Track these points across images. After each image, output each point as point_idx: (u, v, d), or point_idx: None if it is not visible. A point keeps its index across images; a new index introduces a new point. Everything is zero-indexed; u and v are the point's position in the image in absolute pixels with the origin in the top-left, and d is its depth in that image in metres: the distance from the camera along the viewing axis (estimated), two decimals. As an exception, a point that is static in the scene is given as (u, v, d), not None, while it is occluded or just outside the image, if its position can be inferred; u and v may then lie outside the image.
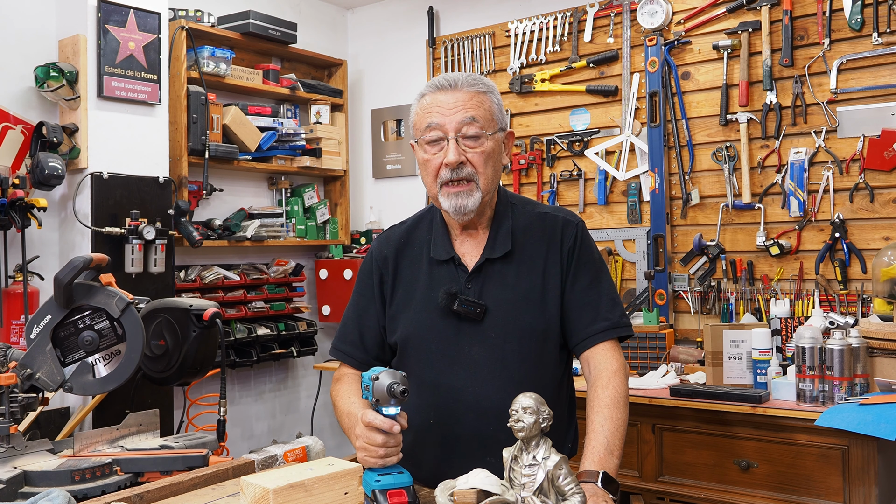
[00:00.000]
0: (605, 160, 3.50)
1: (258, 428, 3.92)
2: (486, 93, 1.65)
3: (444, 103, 1.62)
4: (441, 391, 1.67)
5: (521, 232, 1.71)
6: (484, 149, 1.62)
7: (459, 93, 1.63)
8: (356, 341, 1.78)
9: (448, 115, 1.61)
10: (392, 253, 1.77)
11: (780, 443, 2.41)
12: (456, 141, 1.61)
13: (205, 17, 3.48)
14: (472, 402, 1.64)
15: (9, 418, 1.80)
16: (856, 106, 2.91)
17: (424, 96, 1.67)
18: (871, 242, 2.89)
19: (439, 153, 1.62)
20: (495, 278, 1.67)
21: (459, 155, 1.60)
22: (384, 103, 4.30)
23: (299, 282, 3.95)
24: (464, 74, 1.67)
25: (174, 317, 2.27)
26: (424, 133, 1.64)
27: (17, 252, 2.77)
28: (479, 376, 1.64)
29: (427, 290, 1.69)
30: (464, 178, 1.61)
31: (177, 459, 1.79)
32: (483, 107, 1.63)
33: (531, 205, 1.78)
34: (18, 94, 2.89)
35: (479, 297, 1.66)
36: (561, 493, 1.22)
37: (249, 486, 1.18)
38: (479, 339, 1.65)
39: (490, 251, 1.68)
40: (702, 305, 3.22)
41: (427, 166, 1.66)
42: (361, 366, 1.75)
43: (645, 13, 3.34)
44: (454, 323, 1.66)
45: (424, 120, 1.64)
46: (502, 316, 1.65)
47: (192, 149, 3.34)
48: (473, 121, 1.61)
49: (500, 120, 1.67)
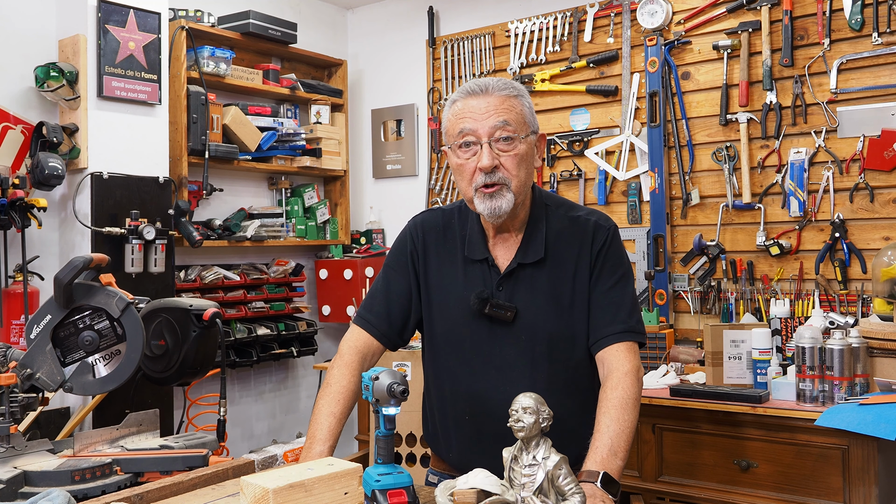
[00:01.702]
0: (605, 160, 3.50)
1: (258, 428, 3.92)
2: (517, 96, 1.67)
3: (476, 108, 1.63)
4: (474, 388, 1.71)
5: (553, 236, 1.72)
6: (517, 152, 1.64)
7: (491, 97, 1.64)
8: (382, 313, 1.79)
9: (481, 121, 1.63)
10: (431, 237, 1.80)
11: (780, 443, 2.41)
12: (489, 145, 1.62)
13: (205, 17, 3.49)
14: (503, 400, 1.64)
15: (9, 418, 1.80)
16: (856, 106, 2.91)
17: (456, 102, 1.68)
18: (871, 242, 2.89)
19: (473, 158, 1.64)
20: (526, 282, 1.70)
21: (493, 159, 1.62)
22: (384, 103, 4.30)
23: (299, 282, 3.95)
24: (494, 79, 1.68)
25: (174, 317, 2.27)
26: (457, 138, 1.65)
27: (17, 252, 2.77)
28: (511, 377, 1.68)
29: (462, 288, 1.72)
30: (497, 181, 1.63)
31: (177, 459, 1.79)
32: (515, 111, 1.65)
33: (565, 206, 1.79)
34: (18, 94, 2.89)
35: (510, 299, 1.69)
36: (561, 493, 1.22)
37: (249, 486, 1.18)
38: (510, 340, 1.69)
39: (522, 255, 1.70)
40: (702, 305, 3.22)
41: (461, 171, 1.67)
42: (382, 338, 1.78)
43: (645, 13, 3.34)
44: (486, 324, 1.70)
45: (457, 126, 1.66)
46: (531, 319, 1.68)
47: (192, 149, 3.34)
48: (506, 125, 1.62)
49: (531, 123, 1.69)
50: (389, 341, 1.80)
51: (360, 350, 1.76)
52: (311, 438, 1.64)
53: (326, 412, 1.66)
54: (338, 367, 1.73)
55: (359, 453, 3.53)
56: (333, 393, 1.69)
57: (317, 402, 1.70)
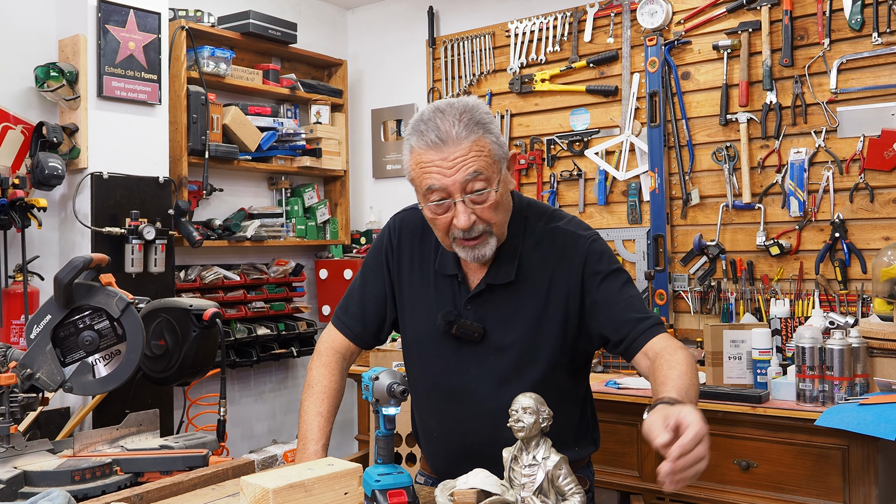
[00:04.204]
0: (605, 160, 3.50)
1: (258, 428, 3.92)
2: (482, 135, 1.49)
3: (442, 163, 1.47)
4: (444, 403, 1.67)
5: (529, 252, 1.62)
6: (494, 200, 1.50)
7: (456, 147, 1.46)
8: (357, 314, 1.76)
9: (450, 176, 1.46)
10: (407, 241, 1.73)
11: (780, 443, 2.41)
12: (463, 202, 1.48)
13: (205, 17, 3.49)
14: (470, 417, 1.63)
15: (9, 418, 1.80)
16: (856, 106, 2.91)
17: (415, 151, 1.51)
18: (871, 242, 2.89)
19: (447, 214, 1.51)
20: (496, 301, 1.61)
21: (470, 216, 1.49)
22: (384, 103, 4.30)
23: (299, 282, 3.96)
24: (453, 115, 1.48)
25: (174, 317, 2.28)
26: (427, 195, 1.51)
27: (17, 252, 2.77)
28: (478, 394, 1.62)
29: (433, 301, 1.66)
30: (478, 234, 1.52)
31: (177, 459, 1.79)
32: (483, 153, 1.48)
33: (545, 217, 1.66)
34: (18, 94, 2.89)
35: (479, 318, 1.61)
36: (561, 493, 1.22)
37: (249, 486, 1.18)
38: (476, 360, 1.62)
39: (493, 277, 1.60)
40: (702, 305, 3.22)
41: (435, 224, 1.55)
42: (356, 339, 1.76)
43: (645, 13, 3.34)
44: (455, 342, 1.63)
45: (423, 181, 1.50)
46: (499, 339, 1.61)
47: (192, 149, 3.34)
48: (478, 175, 1.47)
49: (501, 158, 1.53)
50: (364, 342, 1.78)
51: (337, 350, 1.76)
52: (303, 440, 1.63)
53: (314, 412, 1.66)
54: (317, 368, 1.73)
55: (359, 453, 3.53)
56: (317, 393, 1.69)
57: (302, 403, 1.70)
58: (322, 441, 1.63)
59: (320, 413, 1.66)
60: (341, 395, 1.74)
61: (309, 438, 1.62)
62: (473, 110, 1.50)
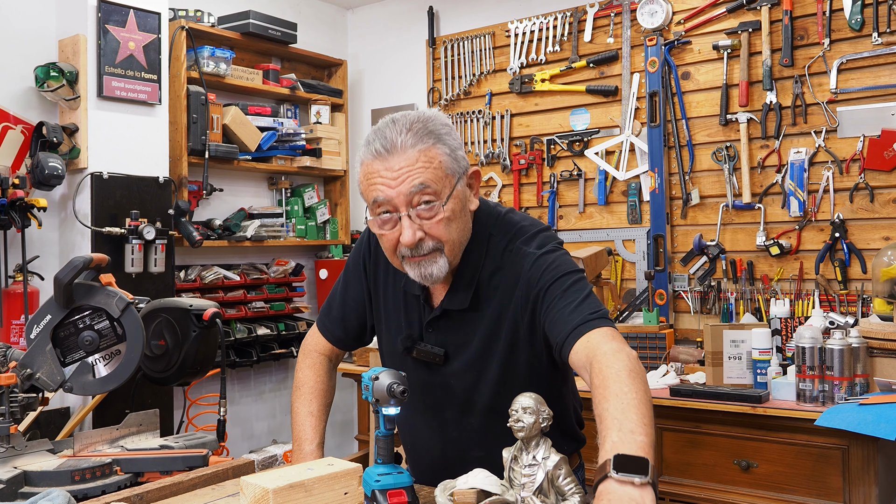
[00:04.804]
0: (605, 160, 3.50)
1: (258, 428, 3.92)
2: (433, 144, 1.38)
3: (387, 174, 1.37)
4: (415, 418, 1.64)
5: (489, 274, 1.51)
6: (443, 216, 1.39)
7: (402, 156, 1.36)
8: (338, 318, 1.74)
9: (394, 187, 1.36)
10: (381, 252, 1.65)
11: (780, 443, 2.41)
12: (409, 217, 1.38)
13: (205, 17, 3.49)
14: (437, 438, 1.61)
15: (9, 418, 1.80)
16: (856, 106, 2.91)
17: (364, 162, 1.42)
18: (871, 242, 2.89)
19: (394, 229, 1.40)
20: (452, 326, 1.54)
21: (415, 232, 1.38)
22: (384, 103, 4.30)
23: (299, 282, 3.96)
24: (404, 124, 1.39)
25: (174, 317, 2.28)
26: (373, 208, 1.41)
27: (17, 252, 2.77)
28: (444, 418, 1.59)
29: (401, 317, 1.61)
30: (426, 252, 1.41)
31: (177, 459, 1.79)
32: (433, 165, 1.37)
33: (509, 236, 1.52)
34: (18, 94, 2.89)
35: (439, 342, 1.54)
36: (561, 493, 1.22)
37: (249, 486, 1.18)
38: (440, 381, 1.57)
39: (449, 302, 1.52)
40: (702, 305, 3.22)
41: (382, 241, 1.46)
42: (338, 342, 1.75)
43: (645, 13, 3.34)
44: (421, 363, 1.57)
45: (370, 193, 1.40)
46: (461, 365, 1.54)
47: (192, 149, 3.34)
48: (424, 188, 1.36)
49: (455, 171, 1.41)
50: (346, 346, 1.77)
51: (321, 352, 1.76)
52: (297, 441, 1.63)
53: (305, 412, 1.66)
54: (303, 370, 1.74)
55: (359, 453, 3.53)
56: (306, 393, 1.69)
57: (292, 405, 1.70)
58: (317, 440, 1.63)
59: (311, 413, 1.66)
60: (332, 393, 1.74)
61: (303, 439, 1.62)
62: (428, 121, 1.41)
